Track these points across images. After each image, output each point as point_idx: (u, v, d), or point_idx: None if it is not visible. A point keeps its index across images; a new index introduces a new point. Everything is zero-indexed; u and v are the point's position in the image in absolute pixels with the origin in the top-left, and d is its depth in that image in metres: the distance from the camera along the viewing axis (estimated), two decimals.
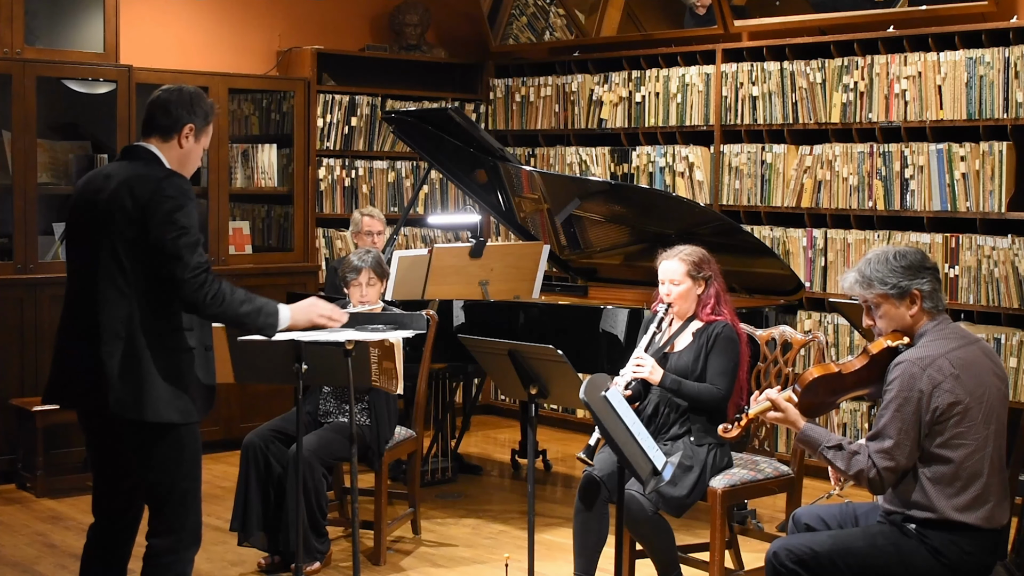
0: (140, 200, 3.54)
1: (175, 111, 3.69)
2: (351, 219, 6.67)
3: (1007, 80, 5.76)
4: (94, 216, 3.62)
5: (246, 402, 7.02)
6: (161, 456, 3.63)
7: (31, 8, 6.48)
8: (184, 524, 3.70)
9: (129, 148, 3.74)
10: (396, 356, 4.36)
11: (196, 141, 3.74)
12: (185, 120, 3.69)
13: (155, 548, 3.69)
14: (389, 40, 8.16)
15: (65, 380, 3.70)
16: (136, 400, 3.55)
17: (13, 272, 6.32)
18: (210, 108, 3.78)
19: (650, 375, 4.48)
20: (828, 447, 3.50)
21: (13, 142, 6.34)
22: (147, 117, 3.72)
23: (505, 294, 6.11)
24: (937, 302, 3.54)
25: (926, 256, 3.59)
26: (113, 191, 3.58)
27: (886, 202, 6.21)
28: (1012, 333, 5.79)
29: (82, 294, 3.64)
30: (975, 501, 3.41)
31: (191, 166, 3.76)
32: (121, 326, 3.56)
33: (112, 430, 3.65)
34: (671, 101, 7.16)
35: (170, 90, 3.75)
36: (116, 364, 3.55)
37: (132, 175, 3.59)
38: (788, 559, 3.50)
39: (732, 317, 4.60)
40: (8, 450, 6.32)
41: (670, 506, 4.30)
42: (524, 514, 5.68)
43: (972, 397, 3.41)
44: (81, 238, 3.69)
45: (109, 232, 3.57)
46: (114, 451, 3.71)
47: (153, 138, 3.70)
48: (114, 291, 3.57)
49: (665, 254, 4.66)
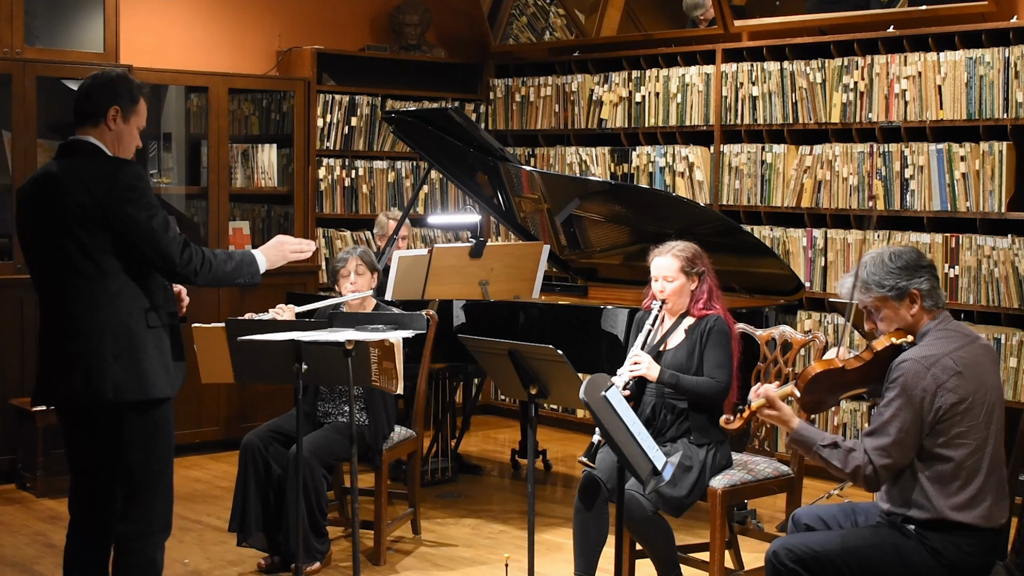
0: (98, 195, 3.59)
1: (96, 96, 3.73)
2: (376, 221, 6.71)
3: (1007, 80, 5.76)
4: (50, 217, 3.64)
5: (246, 402, 7.02)
6: (139, 435, 3.67)
7: (31, 8, 6.48)
8: (153, 508, 3.73)
9: (67, 144, 3.75)
10: (396, 356, 4.36)
11: (126, 122, 3.76)
12: (107, 103, 3.72)
13: (125, 534, 3.71)
14: (389, 40, 8.16)
15: (53, 378, 3.71)
16: (137, 381, 3.62)
17: (13, 272, 6.32)
18: (137, 88, 3.79)
19: (647, 371, 4.48)
20: (823, 445, 3.49)
21: (13, 142, 6.35)
22: (75, 108, 3.77)
23: (505, 294, 6.11)
24: (937, 299, 3.54)
25: (922, 254, 3.59)
26: (66, 190, 3.61)
27: (886, 202, 6.21)
28: (1012, 333, 5.79)
29: (54, 295, 3.68)
30: (972, 500, 3.41)
31: (128, 147, 3.79)
32: (104, 316, 3.61)
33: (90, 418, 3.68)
34: (671, 101, 7.16)
35: (93, 76, 3.80)
36: (108, 351, 3.60)
37: (83, 171, 3.63)
38: (788, 558, 3.50)
39: (724, 311, 4.61)
40: (8, 450, 6.32)
41: (669, 506, 4.30)
42: (524, 514, 5.68)
43: (975, 396, 3.42)
44: (41, 241, 3.70)
45: (70, 230, 3.61)
46: (93, 440, 3.72)
47: (85, 127, 3.73)
48: (88, 283, 3.62)
49: (657, 250, 4.66)
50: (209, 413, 6.86)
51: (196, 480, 6.41)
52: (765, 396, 3.57)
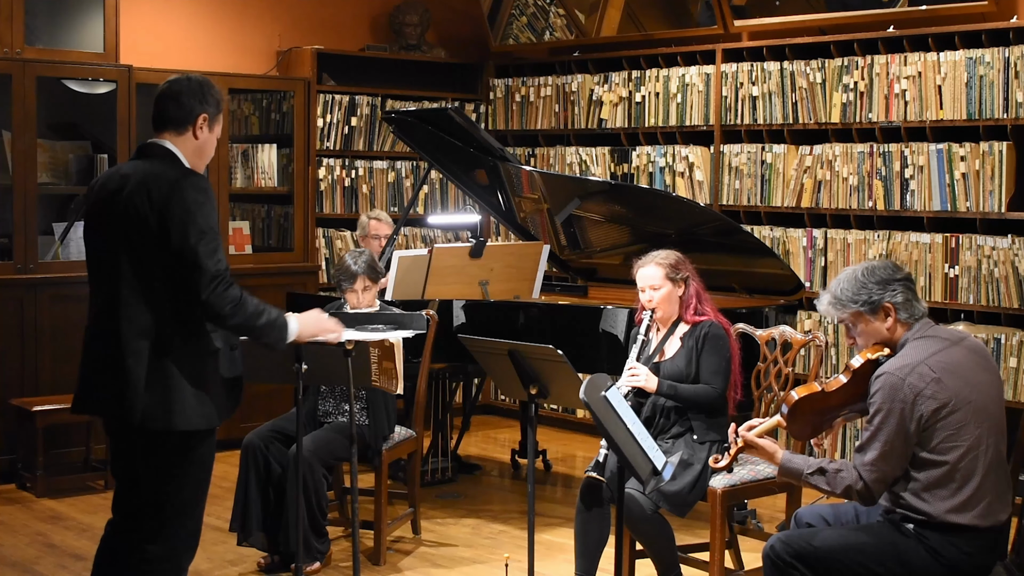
0: (157, 203, 3.44)
1: (187, 102, 3.58)
2: (358, 223, 6.64)
3: (1007, 80, 5.76)
4: (112, 218, 3.52)
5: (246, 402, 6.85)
6: (173, 464, 3.55)
7: (31, 8, 6.48)
8: (183, 531, 3.61)
9: (145, 146, 3.62)
10: (396, 356, 4.36)
11: (210, 131, 3.64)
12: (198, 110, 3.59)
13: (150, 554, 3.57)
14: (389, 40, 8.16)
15: (91, 388, 3.59)
16: (165, 411, 3.46)
17: (13, 272, 6.32)
18: (220, 96, 3.68)
19: (646, 384, 4.50)
20: (810, 473, 3.52)
21: (13, 142, 6.34)
22: (158, 110, 3.61)
23: (505, 294, 6.11)
24: (912, 311, 3.54)
25: (897, 267, 3.59)
26: (130, 193, 3.48)
27: (886, 202, 6.21)
28: (1012, 333, 5.79)
29: (105, 299, 3.54)
30: (971, 500, 3.41)
31: (207, 157, 3.67)
32: (145, 334, 3.46)
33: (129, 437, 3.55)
34: (671, 101, 7.16)
35: (179, 80, 3.64)
36: (142, 374, 3.45)
37: (148, 175, 3.49)
38: (786, 552, 3.50)
39: (715, 314, 4.64)
40: (8, 450, 6.31)
41: (672, 503, 4.30)
42: (524, 514, 5.68)
43: (958, 399, 3.41)
44: (100, 241, 3.58)
45: (128, 236, 3.48)
46: (128, 456, 3.60)
47: (167, 132, 3.59)
48: (136, 297, 3.47)
49: (640, 262, 4.68)
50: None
51: None
52: (743, 439, 3.62)
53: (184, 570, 3.68)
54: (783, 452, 3.59)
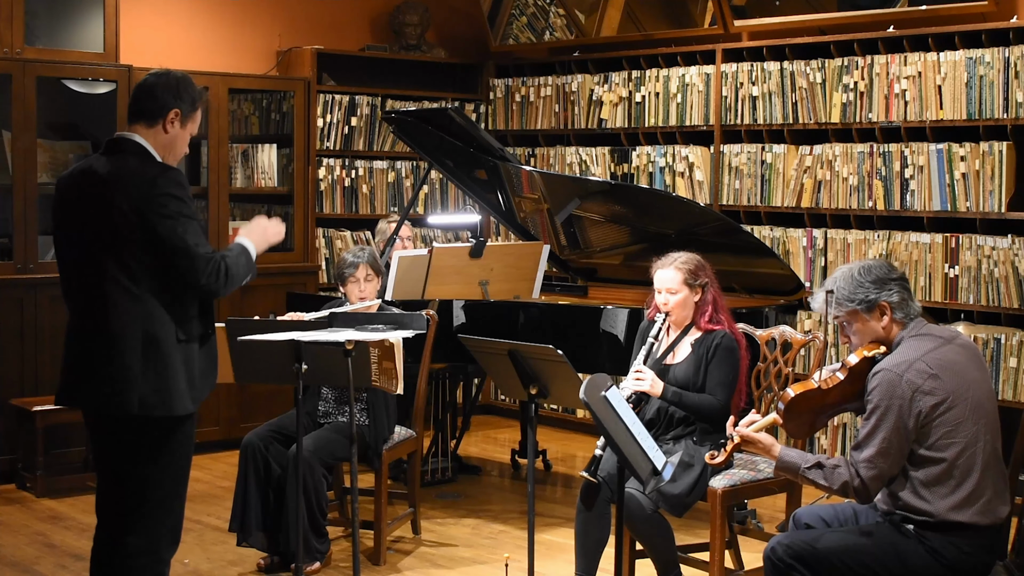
0: (136, 201, 3.48)
1: (161, 95, 3.63)
2: (377, 228, 6.67)
3: (1007, 80, 5.76)
4: (86, 216, 3.55)
5: (246, 402, 7.02)
6: (158, 450, 3.59)
7: (31, 8, 6.48)
8: (164, 523, 3.64)
9: (113, 141, 3.64)
10: (396, 356, 4.36)
11: (182, 127, 3.67)
12: (171, 105, 3.63)
13: (132, 547, 3.60)
14: (389, 40, 8.16)
15: (77, 382, 3.61)
16: (162, 397, 3.53)
17: (13, 272, 6.32)
18: (198, 94, 3.70)
19: (651, 388, 4.47)
20: (807, 468, 3.52)
21: (13, 142, 6.34)
22: (132, 102, 3.66)
23: (505, 294, 6.11)
24: (908, 311, 3.56)
25: (892, 267, 3.61)
26: (105, 191, 3.51)
27: (886, 202, 6.21)
28: (1012, 333, 5.79)
29: (87, 296, 3.57)
30: (970, 497, 3.42)
31: (178, 152, 3.69)
32: (136, 326, 3.51)
33: (113, 427, 3.60)
34: (671, 101, 7.16)
35: (157, 74, 3.70)
36: (137, 364, 3.51)
37: (124, 173, 3.53)
38: (786, 554, 3.51)
39: (730, 324, 4.58)
40: (8, 450, 6.32)
41: (671, 504, 4.30)
42: (524, 514, 5.68)
43: (955, 395, 3.42)
44: (75, 239, 3.60)
45: (112, 235, 3.51)
46: (112, 448, 3.64)
47: (139, 124, 3.63)
48: (121, 291, 3.52)
49: (660, 263, 4.60)
50: (209, 413, 6.85)
51: (196, 480, 6.38)
52: (739, 435, 3.61)
53: (166, 563, 3.70)
54: (780, 446, 3.59)
